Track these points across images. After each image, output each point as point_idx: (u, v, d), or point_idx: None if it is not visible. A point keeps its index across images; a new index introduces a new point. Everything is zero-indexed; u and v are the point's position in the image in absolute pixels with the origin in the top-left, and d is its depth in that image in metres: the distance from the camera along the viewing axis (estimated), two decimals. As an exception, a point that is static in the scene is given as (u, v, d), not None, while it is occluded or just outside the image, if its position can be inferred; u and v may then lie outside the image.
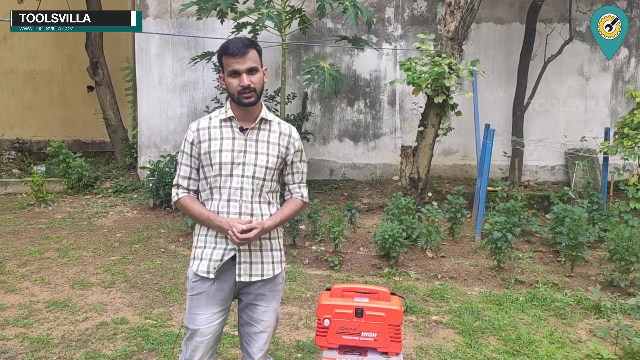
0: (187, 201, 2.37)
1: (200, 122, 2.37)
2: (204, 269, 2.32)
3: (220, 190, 2.30)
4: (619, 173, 5.72)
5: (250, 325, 2.43)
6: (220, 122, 2.35)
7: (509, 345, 3.66)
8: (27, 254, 5.25)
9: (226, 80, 2.30)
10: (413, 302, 4.29)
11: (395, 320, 2.55)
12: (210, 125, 2.34)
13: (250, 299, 2.40)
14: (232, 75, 2.26)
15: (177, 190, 2.39)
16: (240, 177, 2.29)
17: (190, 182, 2.38)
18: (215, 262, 2.31)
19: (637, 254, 4.50)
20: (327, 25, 7.67)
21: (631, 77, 7.86)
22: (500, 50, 7.73)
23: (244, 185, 2.29)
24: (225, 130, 2.33)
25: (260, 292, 2.39)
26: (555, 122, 7.77)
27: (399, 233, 4.90)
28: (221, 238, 2.31)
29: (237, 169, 2.29)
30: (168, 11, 7.56)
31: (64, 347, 3.54)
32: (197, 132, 2.34)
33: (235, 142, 2.31)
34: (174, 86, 7.65)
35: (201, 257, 2.33)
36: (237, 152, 2.30)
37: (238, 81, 2.25)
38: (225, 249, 2.31)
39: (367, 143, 7.86)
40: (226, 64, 2.27)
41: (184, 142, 2.37)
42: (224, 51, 2.27)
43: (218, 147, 2.30)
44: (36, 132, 10.16)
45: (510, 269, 5.00)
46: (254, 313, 2.41)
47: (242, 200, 2.30)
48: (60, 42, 10.01)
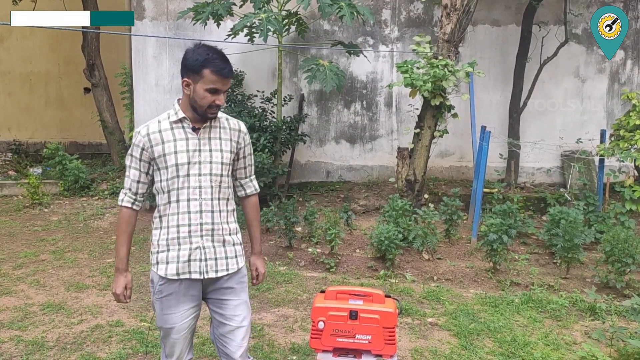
0: (125, 216, 2.41)
1: (150, 126, 2.37)
2: (173, 272, 2.34)
3: (179, 191, 2.33)
4: (614, 175, 5.73)
5: (224, 325, 2.43)
6: (170, 124, 2.36)
7: (504, 347, 3.67)
8: (23, 256, 5.24)
9: (198, 91, 2.27)
10: (409, 304, 4.29)
11: (389, 322, 2.55)
12: (161, 129, 2.35)
13: (219, 295, 2.43)
14: (210, 91, 2.27)
15: (126, 195, 2.41)
16: (198, 176, 2.33)
17: (139, 185, 2.40)
18: (184, 263, 2.34)
19: (632, 256, 4.50)
20: (324, 28, 7.67)
21: (627, 79, 7.88)
22: (496, 53, 7.75)
23: (202, 184, 2.33)
24: (177, 132, 2.35)
25: (228, 285, 2.42)
26: (551, 124, 7.78)
27: (395, 235, 4.90)
28: (184, 238, 2.33)
29: (194, 168, 2.32)
30: (165, 13, 7.56)
31: (59, 349, 3.53)
32: (148, 136, 2.34)
33: (189, 142, 2.33)
34: (170, 88, 7.64)
35: (167, 261, 2.35)
36: (192, 152, 2.33)
37: (214, 99, 2.28)
38: (191, 248, 2.34)
39: (363, 145, 7.87)
40: (208, 78, 2.26)
41: (133, 146, 2.37)
42: (211, 66, 2.25)
43: (172, 149, 2.32)
44: (33, 134, 10.16)
45: (506, 271, 5.00)
46: (225, 310, 2.42)
47: (202, 198, 2.34)
48: (57, 44, 10.01)
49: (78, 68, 9.09)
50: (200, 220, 2.34)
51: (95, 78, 8.32)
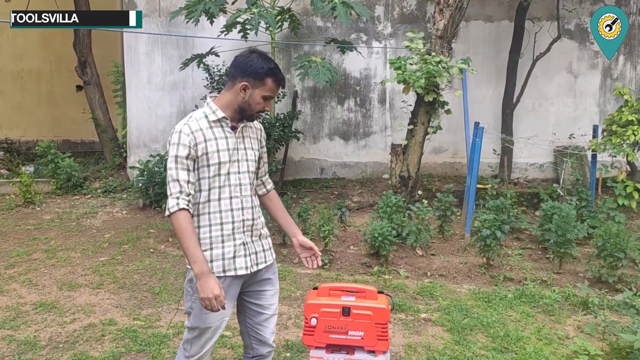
0: (186, 218, 2.25)
1: (190, 124, 2.34)
2: (219, 270, 2.34)
3: (220, 189, 2.36)
4: (606, 170, 5.75)
5: (261, 314, 2.51)
6: (209, 122, 2.37)
7: (497, 342, 3.68)
8: (15, 256, 5.21)
9: (255, 97, 2.36)
10: (402, 300, 4.30)
11: (382, 318, 2.55)
12: (201, 127, 2.35)
13: (258, 287, 2.49)
14: (265, 98, 2.39)
15: (179, 198, 2.25)
16: (237, 174, 2.39)
17: (189, 185, 2.30)
18: (229, 260, 2.36)
19: (624, 251, 4.53)
20: (317, 24, 7.66)
21: (620, 74, 7.91)
22: (489, 49, 7.76)
23: (242, 181, 2.40)
24: (216, 131, 2.37)
25: (266, 277, 2.51)
26: (544, 120, 7.81)
27: (389, 231, 4.91)
28: (227, 235, 2.36)
29: (234, 166, 2.38)
30: (157, 10, 7.52)
31: (51, 349, 3.52)
32: (192, 134, 2.31)
33: (228, 141, 2.38)
34: (163, 85, 7.61)
35: (211, 259, 2.34)
36: (232, 150, 2.38)
37: (264, 105, 2.41)
38: (235, 245, 2.38)
39: (357, 141, 7.87)
40: (268, 87, 2.37)
41: (178, 146, 2.29)
42: (274, 76, 2.37)
43: (214, 148, 2.34)
44: (25, 132, 10.08)
45: (499, 266, 5.02)
46: (262, 300, 2.51)
47: (242, 195, 2.40)
48: (48, 41, 9.93)
49: (70, 65, 9.01)
50: (242, 217, 2.40)
51: (87, 75, 8.26)
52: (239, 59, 2.40)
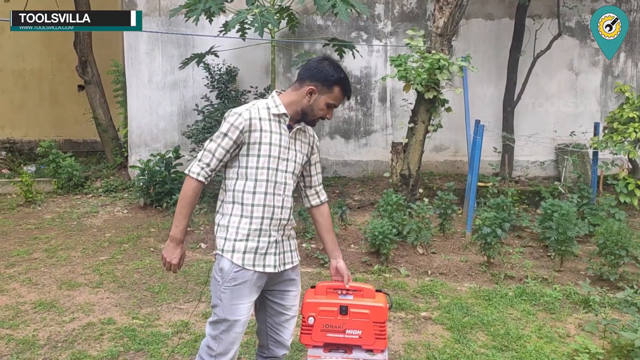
0: (196, 189, 2.34)
1: (251, 111, 2.35)
2: (250, 262, 2.35)
3: (267, 183, 2.36)
4: (607, 167, 5.73)
5: (282, 314, 2.53)
6: (270, 115, 2.38)
7: (498, 340, 3.66)
8: (15, 255, 5.21)
9: (320, 103, 2.40)
10: (402, 298, 4.29)
11: (379, 317, 2.54)
12: (261, 117, 2.35)
13: (281, 287, 2.51)
14: (329, 105, 2.43)
15: (203, 169, 2.32)
16: (284, 173, 2.40)
17: (220, 163, 2.35)
18: (260, 255, 2.37)
19: (626, 248, 4.51)
20: (317, 23, 7.64)
21: (620, 72, 7.87)
22: (490, 46, 7.73)
23: (287, 180, 2.41)
24: (274, 125, 2.38)
25: (291, 277, 2.52)
26: (545, 117, 7.78)
27: (389, 230, 4.90)
28: (264, 231, 2.37)
29: (282, 164, 2.39)
30: (157, 9, 7.52)
31: (50, 348, 3.51)
32: (250, 120, 2.32)
33: (283, 138, 2.39)
34: (164, 84, 7.61)
35: (244, 250, 2.35)
36: (284, 148, 2.39)
37: (327, 112, 2.45)
38: (269, 242, 2.39)
39: (358, 140, 7.85)
40: (335, 95, 2.41)
41: (230, 125, 2.31)
42: (342, 85, 2.41)
43: (269, 140, 2.35)
44: (27, 132, 10.11)
45: (500, 264, 5.00)
46: (285, 300, 2.53)
47: (285, 194, 2.41)
48: (49, 41, 9.94)
49: (71, 65, 9.01)
50: (280, 215, 2.41)
51: (87, 75, 8.26)
52: (311, 63, 2.43)
